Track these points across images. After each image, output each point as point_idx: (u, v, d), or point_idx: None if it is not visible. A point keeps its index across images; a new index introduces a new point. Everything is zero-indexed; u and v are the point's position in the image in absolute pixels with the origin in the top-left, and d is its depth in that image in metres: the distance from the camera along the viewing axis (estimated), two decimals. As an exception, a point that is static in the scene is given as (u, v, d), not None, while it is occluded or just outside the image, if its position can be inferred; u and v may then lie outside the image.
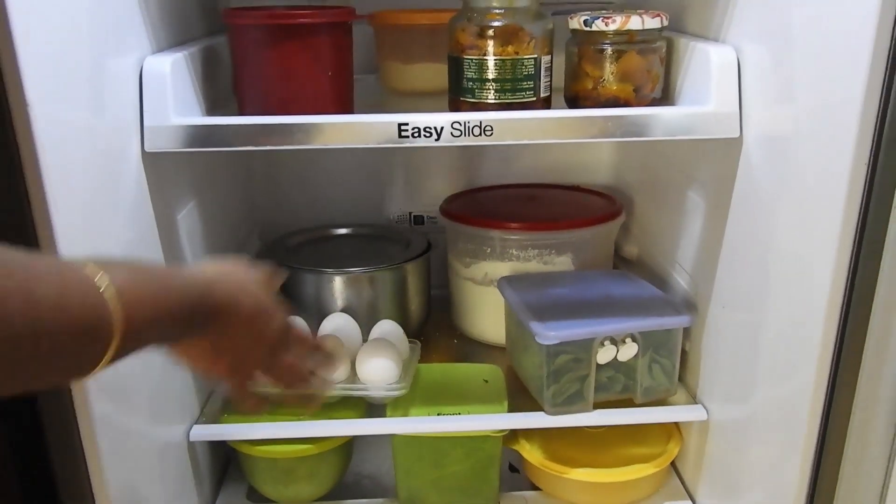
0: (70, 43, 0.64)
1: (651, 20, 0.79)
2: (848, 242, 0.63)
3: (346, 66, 0.83)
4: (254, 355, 0.60)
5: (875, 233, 0.62)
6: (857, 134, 0.59)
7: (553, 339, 0.84)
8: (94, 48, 0.67)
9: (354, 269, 1.01)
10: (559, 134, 0.77)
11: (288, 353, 0.63)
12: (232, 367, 0.61)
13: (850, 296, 0.65)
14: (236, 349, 0.58)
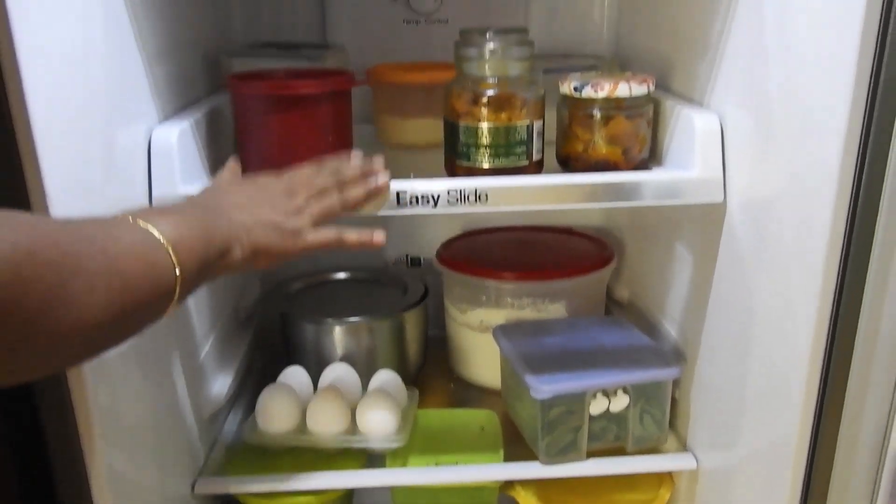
0: (84, 114, 0.66)
1: (638, 87, 0.83)
2: (827, 303, 0.66)
3: (346, 130, 0.86)
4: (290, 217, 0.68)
5: (853, 294, 0.65)
6: (835, 199, 0.62)
7: (547, 393, 0.87)
8: (106, 118, 0.70)
9: (354, 319, 1.04)
10: (551, 200, 0.80)
11: (303, 191, 0.70)
12: (285, 236, 0.67)
13: (830, 350, 0.68)
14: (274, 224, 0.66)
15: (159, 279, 0.53)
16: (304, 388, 0.99)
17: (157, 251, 0.53)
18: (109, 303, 0.47)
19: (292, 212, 0.68)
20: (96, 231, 0.50)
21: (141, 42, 0.77)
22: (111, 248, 0.49)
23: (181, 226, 0.56)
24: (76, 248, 0.46)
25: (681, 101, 0.88)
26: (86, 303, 0.46)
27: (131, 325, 0.53)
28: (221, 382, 1.01)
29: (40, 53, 0.58)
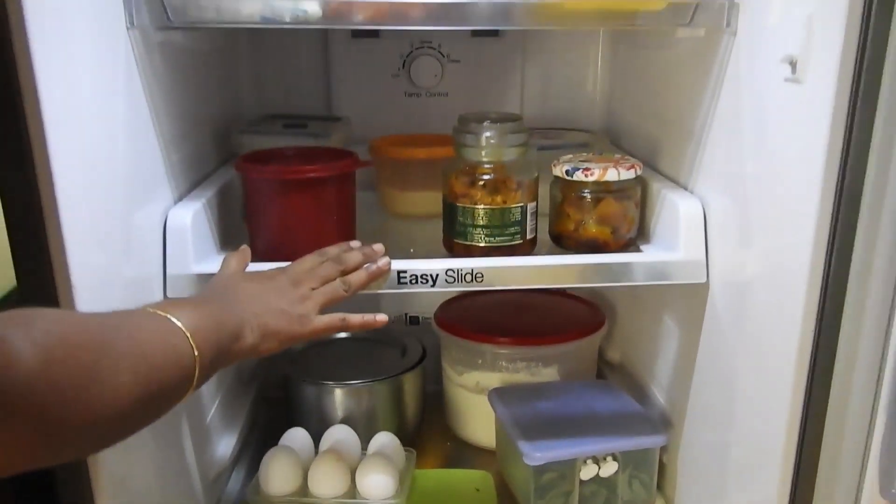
0: (107, 200, 0.70)
1: (626, 172, 0.88)
2: (801, 380, 0.70)
3: (350, 209, 0.91)
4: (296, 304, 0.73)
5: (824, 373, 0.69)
6: (807, 283, 0.66)
7: (539, 460, 0.91)
8: (126, 203, 0.74)
9: (354, 382, 1.08)
10: (544, 280, 0.85)
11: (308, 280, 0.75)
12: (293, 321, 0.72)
13: (805, 423, 0.72)
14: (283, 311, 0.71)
15: (180, 363, 0.57)
16: (306, 449, 1.03)
17: (176, 337, 0.58)
18: (135, 385, 0.51)
19: (298, 300, 0.73)
20: (121, 320, 0.55)
21: (158, 129, 0.82)
22: (136, 335, 0.54)
23: (197, 315, 0.61)
24: (104, 334, 0.51)
25: (667, 183, 0.93)
26: (114, 385, 0.50)
27: (154, 410, 0.57)
28: (226, 443, 1.04)
29: (70, 147, 0.62)
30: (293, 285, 0.74)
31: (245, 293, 0.71)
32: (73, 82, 0.63)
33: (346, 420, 1.08)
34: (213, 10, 0.75)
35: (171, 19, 0.75)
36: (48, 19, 0.58)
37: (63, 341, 0.47)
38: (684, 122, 0.91)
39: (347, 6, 0.74)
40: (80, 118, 0.65)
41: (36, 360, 0.44)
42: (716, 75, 0.81)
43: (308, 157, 0.91)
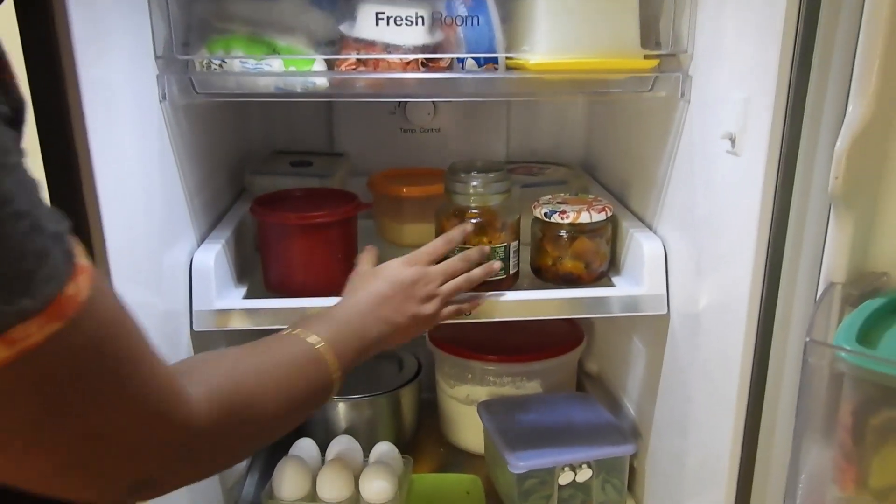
0: (145, 245, 0.81)
1: (597, 214, 0.99)
2: (743, 400, 0.81)
3: (353, 245, 1.02)
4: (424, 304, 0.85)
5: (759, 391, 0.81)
6: (746, 315, 0.77)
7: (522, 469, 1.03)
8: (158, 247, 0.85)
9: (356, 396, 1.20)
10: (527, 312, 0.96)
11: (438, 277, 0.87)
12: (423, 321, 0.85)
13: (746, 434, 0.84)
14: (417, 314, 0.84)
15: (323, 383, 0.68)
16: (314, 458, 1.14)
17: (320, 363, 0.67)
18: (287, 415, 0.62)
19: (426, 298, 0.85)
20: (271, 356, 0.64)
21: (184, 181, 0.93)
22: (288, 370, 0.63)
23: (335, 333, 0.71)
24: (259, 377, 0.58)
25: (634, 222, 1.04)
26: (269, 413, 0.58)
27: (297, 423, 0.66)
28: (241, 452, 1.16)
29: (116, 203, 0.72)
30: (423, 283, 0.85)
31: (382, 299, 0.81)
32: (118, 149, 0.74)
33: (350, 430, 1.19)
34: (234, 83, 0.86)
35: (197, 91, 0.86)
36: (100, 99, 0.68)
37: (229, 392, 0.52)
38: (649, 169, 1.02)
39: (351, 80, 0.85)
40: (123, 179, 0.75)
41: (207, 410, 0.49)
42: (674, 134, 0.92)
43: (315, 200, 1.02)
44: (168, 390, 0.46)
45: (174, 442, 0.46)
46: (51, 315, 0.37)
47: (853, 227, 0.62)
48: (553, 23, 0.86)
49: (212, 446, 0.50)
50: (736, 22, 0.77)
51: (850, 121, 0.60)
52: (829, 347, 0.55)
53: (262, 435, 0.60)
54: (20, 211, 0.36)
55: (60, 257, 0.38)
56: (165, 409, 0.45)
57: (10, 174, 0.36)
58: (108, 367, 0.41)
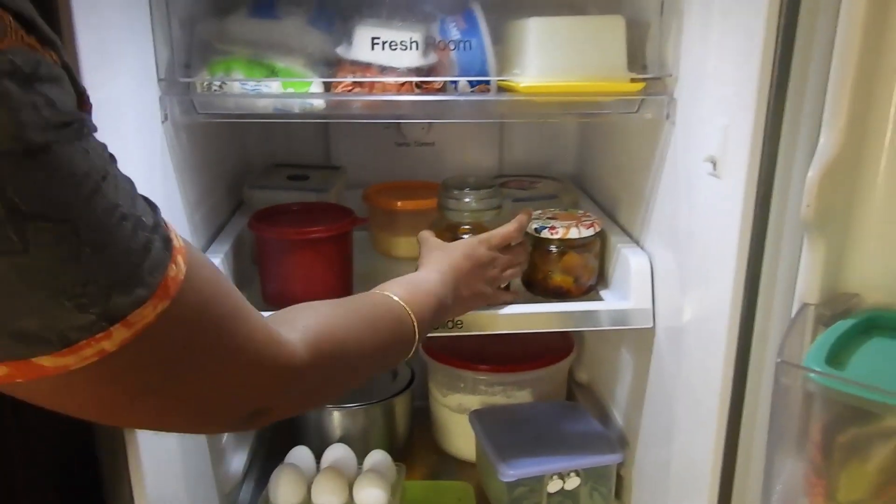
0: None
1: (586, 230, 1.02)
2: (724, 412, 0.84)
3: (348, 259, 1.05)
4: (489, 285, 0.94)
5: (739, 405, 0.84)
6: (727, 329, 0.79)
7: (512, 477, 1.06)
8: None
9: (351, 405, 1.22)
10: (517, 326, 0.99)
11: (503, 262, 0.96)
12: (482, 299, 0.94)
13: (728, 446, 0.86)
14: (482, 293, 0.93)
15: (405, 336, 0.75)
16: (309, 466, 1.17)
17: (404, 317, 0.74)
18: (374, 362, 0.69)
19: (492, 280, 0.95)
20: (361, 308, 0.71)
21: (185, 198, 0.96)
22: (376, 321, 0.70)
23: (418, 296, 0.78)
24: (352, 324, 0.65)
25: (622, 237, 1.07)
26: (360, 358, 0.66)
27: (385, 366, 0.76)
28: (238, 460, 1.19)
29: None
30: (491, 265, 0.94)
31: (460, 273, 0.89)
32: (124, 165, 0.75)
33: (344, 438, 1.22)
34: (233, 104, 0.88)
35: (198, 112, 0.88)
36: (107, 121, 0.69)
37: (325, 335, 0.59)
38: (636, 186, 1.05)
39: (347, 102, 0.88)
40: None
41: (306, 352, 0.56)
42: (659, 154, 0.96)
43: (311, 214, 1.05)
44: (267, 338, 0.52)
45: (279, 378, 0.53)
46: (160, 296, 0.43)
47: (825, 250, 0.65)
48: (543, 47, 0.89)
49: (311, 381, 0.57)
50: (718, 50, 0.80)
51: (822, 151, 0.63)
52: (799, 368, 0.58)
53: (353, 374, 0.66)
54: (124, 214, 0.42)
55: (160, 245, 0.44)
56: (268, 353, 0.52)
57: (112, 183, 0.42)
58: (213, 327, 0.48)
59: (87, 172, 0.40)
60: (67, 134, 0.40)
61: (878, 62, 0.61)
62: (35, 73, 0.39)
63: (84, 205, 0.40)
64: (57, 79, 0.41)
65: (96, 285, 0.40)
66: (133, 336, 0.42)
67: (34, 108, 0.38)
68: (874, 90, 0.61)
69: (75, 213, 0.39)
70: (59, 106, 0.40)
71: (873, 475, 0.56)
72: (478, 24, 0.91)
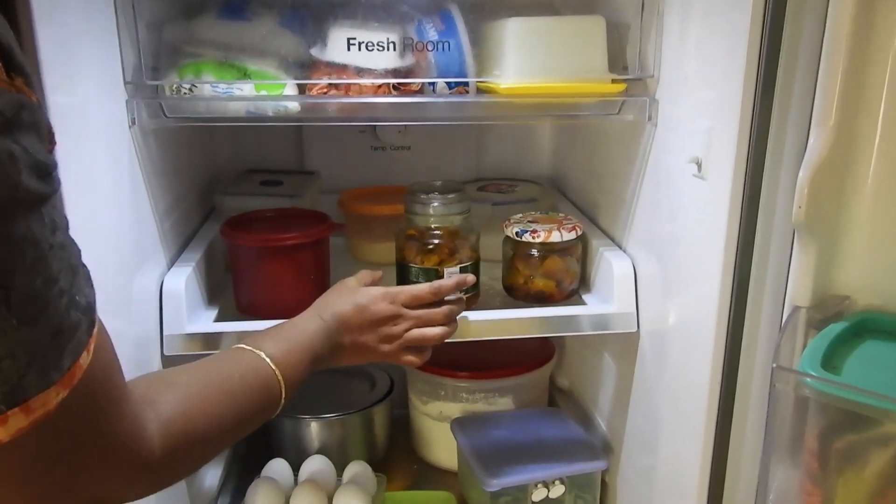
0: (117, 272, 0.80)
1: (568, 233, 1.00)
2: (712, 419, 0.83)
3: (325, 266, 1.02)
4: (382, 343, 0.84)
5: (728, 412, 0.83)
6: (714, 333, 0.78)
7: (496, 486, 1.03)
8: (129, 273, 0.84)
9: (328, 415, 1.19)
10: (498, 332, 0.97)
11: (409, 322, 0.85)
12: (371, 356, 0.84)
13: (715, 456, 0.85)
14: (372, 349, 0.84)
15: (271, 402, 0.69)
16: (286, 479, 1.14)
17: (271, 383, 0.69)
18: (233, 432, 0.64)
19: (386, 338, 0.84)
20: (232, 381, 0.65)
21: (154, 205, 0.92)
22: (241, 394, 0.65)
23: (293, 353, 0.73)
24: (217, 407, 0.61)
25: (604, 240, 1.06)
26: (219, 438, 0.61)
27: (243, 436, 0.67)
28: (212, 475, 1.15)
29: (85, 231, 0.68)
30: (392, 323, 0.84)
31: (345, 325, 0.81)
32: (87, 177, 0.72)
33: (322, 450, 1.19)
34: (204, 108, 0.85)
35: (167, 116, 0.85)
36: (67, 125, 0.67)
37: (184, 429, 0.55)
38: (618, 189, 1.04)
39: (322, 104, 0.85)
40: (93, 206, 0.74)
41: (162, 449, 0.52)
42: (641, 156, 0.94)
43: (286, 221, 1.02)
44: (132, 432, 0.49)
45: (131, 473, 0.50)
46: (64, 383, 0.40)
47: (816, 252, 0.64)
48: (523, 48, 0.87)
49: (160, 476, 0.54)
50: (700, 50, 0.79)
51: (812, 151, 0.62)
52: (794, 374, 0.56)
53: (206, 458, 0.62)
54: (62, 289, 0.39)
55: (85, 328, 0.41)
56: (129, 449, 0.49)
57: (58, 253, 0.39)
58: (95, 418, 0.45)
59: (38, 240, 0.38)
60: (34, 198, 0.37)
61: (867, 60, 0.60)
62: (17, 118, 0.36)
63: (25, 273, 0.37)
64: (38, 125, 0.38)
65: (13, 361, 0.37)
66: (29, 426, 0.39)
67: (11, 160, 0.35)
68: (864, 88, 0.60)
69: (13, 281, 0.36)
70: (35, 161, 0.37)
71: (871, 482, 0.55)
72: (455, 24, 0.89)
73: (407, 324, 0.85)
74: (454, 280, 0.91)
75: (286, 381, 0.70)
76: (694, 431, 0.84)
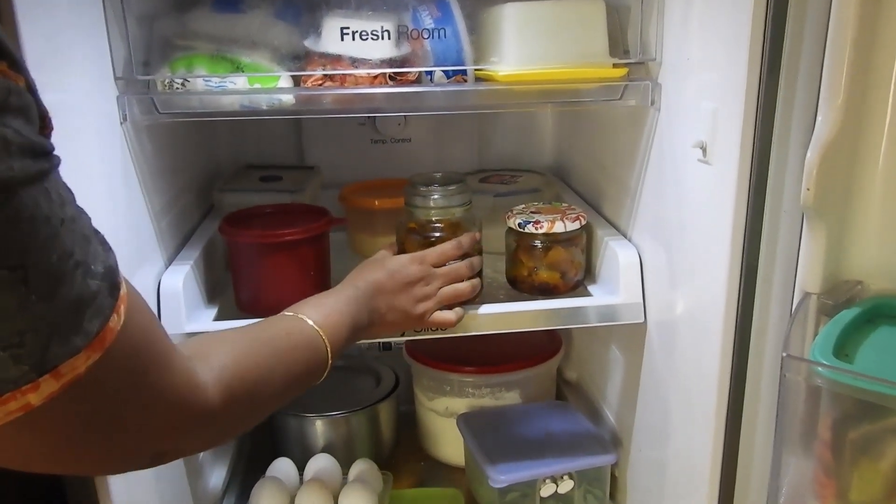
0: None
1: (572, 224, 0.98)
2: (722, 411, 0.81)
3: (326, 261, 1.00)
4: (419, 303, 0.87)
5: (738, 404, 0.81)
6: (722, 323, 0.76)
7: (503, 483, 1.02)
8: (125, 271, 0.81)
9: (333, 413, 1.18)
10: (503, 325, 0.95)
11: (440, 280, 0.89)
12: (410, 319, 0.87)
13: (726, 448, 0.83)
14: (408, 312, 0.86)
15: (318, 364, 0.71)
16: (291, 478, 1.12)
17: (317, 345, 0.71)
18: (286, 393, 0.66)
19: (422, 298, 0.87)
20: (279, 340, 0.68)
21: (150, 203, 0.91)
22: (289, 353, 0.67)
23: (333, 317, 0.75)
24: (265, 358, 0.63)
25: (609, 230, 1.04)
26: (273, 400, 0.64)
27: (294, 396, 0.69)
28: (217, 475, 1.14)
29: None
30: (424, 283, 0.87)
31: (379, 290, 0.84)
32: (77, 176, 0.69)
33: (327, 448, 1.18)
34: (197, 102, 0.84)
35: (160, 111, 0.83)
36: (56, 123, 0.66)
37: (238, 376, 0.57)
38: (622, 176, 1.01)
39: (318, 96, 0.84)
40: (85, 207, 0.72)
41: (219, 396, 0.54)
42: (645, 142, 0.92)
43: (286, 216, 1.00)
44: (187, 382, 0.51)
45: (190, 423, 0.52)
46: (95, 347, 0.41)
47: (826, 236, 0.62)
48: (521, 33, 0.85)
49: (220, 425, 0.56)
50: (703, 31, 0.76)
51: (820, 131, 0.59)
52: (805, 362, 0.54)
53: (263, 410, 0.64)
54: (77, 261, 0.40)
55: (106, 292, 0.42)
56: (185, 400, 0.51)
57: (69, 227, 0.40)
58: (140, 376, 0.46)
59: (48, 217, 0.38)
60: (33, 174, 0.38)
61: (875, 35, 0.58)
62: (5, 102, 0.36)
63: (40, 251, 0.38)
64: (26, 108, 0.38)
65: (35, 335, 0.38)
66: (60, 389, 0.40)
67: (3, 144, 0.36)
68: (872, 65, 0.58)
69: (30, 260, 0.37)
70: (28, 141, 0.37)
71: (887, 474, 0.53)
72: (451, 11, 0.87)
73: (438, 282, 0.89)
74: (469, 237, 0.93)
75: (330, 342, 0.72)
76: (704, 422, 0.82)
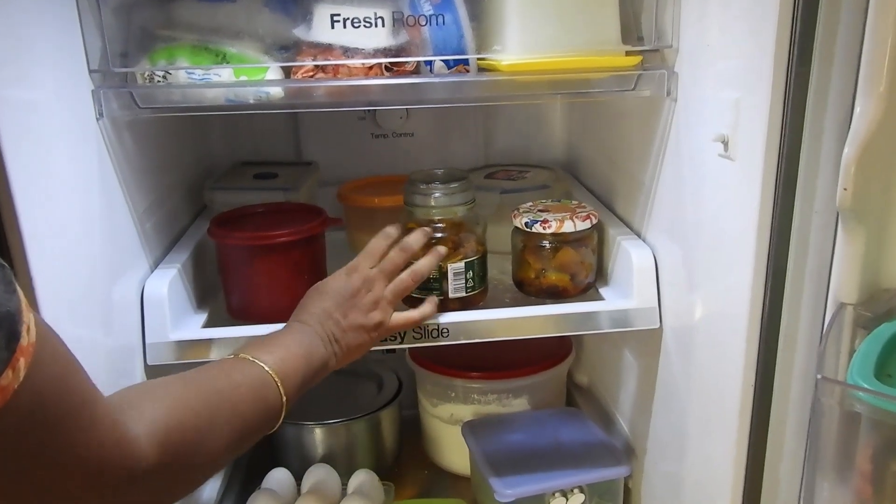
0: (87, 279, 0.74)
1: (582, 223, 0.92)
2: (746, 424, 0.75)
3: (321, 264, 0.95)
4: (370, 313, 0.80)
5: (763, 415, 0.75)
6: (747, 327, 0.70)
7: (510, 497, 0.96)
8: (104, 279, 0.77)
9: (333, 421, 1.13)
10: (509, 332, 0.89)
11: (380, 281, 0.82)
12: (371, 332, 0.80)
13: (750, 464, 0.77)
14: (366, 325, 0.79)
15: (270, 410, 0.65)
16: (288, 489, 1.07)
17: (269, 388, 0.66)
18: (233, 443, 0.60)
19: (371, 306, 0.80)
20: (219, 381, 0.62)
21: (132, 205, 0.85)
22: (234, 397, 0.61)
23: (286, 360, 0.68)
24: (207, 406, 0.58)
25: (622, 229, 0.98)
26: (216, 451, 0.58)
27: (246, 447, 0.64)
28: (211, 486, 1.09)
29: (45, 233, 0.64)
30: (365, 290, 0.80)
31: (326, 316, 0.77)
32: (46, 177, 0.66)
33: (326, 457, 1.12)
34: (180, 96, 0.78)
35: (140, 106, 0.78)
36: (19, 122, 0.61)
37: (175, 427, 0.52)
38: (636, 172, 0.95)
39: (308, 89, 0.78)
40: (55, 210, 0.68)
41: (154, 451, 0.49)
42: (661, 135, 0.86)
43: (279, 216, 0.95)
44: (112, 438, 0.47)
45: (120, 483, 0.48)
46: None
47: (864, 240, 0.56)
48: (526, 19, 0.79)
49: (157, 482, 0.51)
50: (723, 15, 0.70)
51: (858, 124, 0.53)
52: (842, 385, 0.48)
53: (210, 464, 0.59)
54: None
55: (3, 343, 0.38)
56: (110, 457, 0.46)
57: None
58: (47, 433, 0.42)
59: None
60: None
61: (922, 15, 0.51)
62: None
63: None
64: None
65: None
66: None
67: None
68: (919, 49, 0.52)
69: None
70: None
71: (937, 510, 0.47)
72: (452, -4, 0.80)
73: (380, 283, 0.82)
74: (395, 227, 0.88)
75: (283, 382, 0.66)
76: (725, 438, 0.76)
